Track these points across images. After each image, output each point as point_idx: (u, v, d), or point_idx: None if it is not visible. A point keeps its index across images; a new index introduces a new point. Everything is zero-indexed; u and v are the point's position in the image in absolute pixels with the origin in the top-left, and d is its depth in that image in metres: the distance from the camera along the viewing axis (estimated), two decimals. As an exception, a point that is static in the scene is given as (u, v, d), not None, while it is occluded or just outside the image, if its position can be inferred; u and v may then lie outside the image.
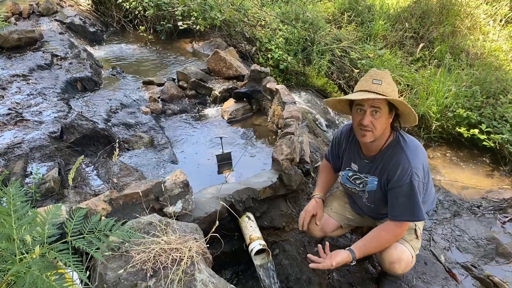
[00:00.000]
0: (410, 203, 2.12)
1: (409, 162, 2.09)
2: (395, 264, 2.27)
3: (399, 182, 2.12)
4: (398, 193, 2.14)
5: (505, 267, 3.02)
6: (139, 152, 3.59)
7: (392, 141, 2.19)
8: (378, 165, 2.23)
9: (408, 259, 2.28)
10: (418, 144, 2.23)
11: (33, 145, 3.10)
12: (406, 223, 2.20)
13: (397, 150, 2.15)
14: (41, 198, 2.56)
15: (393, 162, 2.14)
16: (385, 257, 2.28)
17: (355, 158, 2.37)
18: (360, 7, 7.90)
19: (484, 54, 6.87)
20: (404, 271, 2.34)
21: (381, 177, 2.23)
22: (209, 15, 6.39)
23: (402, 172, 2.10)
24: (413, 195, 2.10)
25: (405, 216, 2.15)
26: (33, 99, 3.86)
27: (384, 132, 2.15)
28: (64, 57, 4.95)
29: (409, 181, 2.09)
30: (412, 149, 2.15)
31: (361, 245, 2.19)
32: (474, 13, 7.73)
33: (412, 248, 2.33)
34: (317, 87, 6.13)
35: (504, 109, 4.92)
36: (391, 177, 2.15)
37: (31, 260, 1.33)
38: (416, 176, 2.09)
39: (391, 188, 2.18)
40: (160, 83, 4.82)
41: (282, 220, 2.96)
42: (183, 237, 1.94)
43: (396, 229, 2.20)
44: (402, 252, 2.27)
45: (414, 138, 2.27)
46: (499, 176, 4.44)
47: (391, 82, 2.06)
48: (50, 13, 6.42)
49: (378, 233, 2.23)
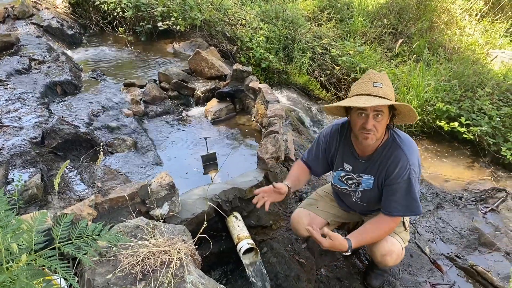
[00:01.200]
0: (408, 198, 2.13)
1: (407, 159, 2.11)
2: (386, 256, 2.30)
3: (397, 179, 2.13)
4: (395, 189, 2.15)
5: (488, 256, 3.09)
6: (123, 155, 3.55)
7: (388, 139, 2.19)
8: (375, 164, 2.23)
9: (398, 251, 2.32)
10: (411, 140, 2.24)
11: (14, 152, 3.04)
12: (399, 217, 2.23)
13: (394, 148, 2.16)
14: (25, 205, 2.52)
15: (391, 160, 2.15)
16: (377, 250, 2.31)
17: (349, 158, 2.35)
18: (339, 4, 7.98)
19: (461, 48, 7.02)
20: (395, 263, 2.37)
21: (379, 175, 2.23)
22: (189, 15, 6.35)
23: (401, 169, 2.11)
24: (411, 190, 2.12)
25: (400, 211, 2.17)
26: (12, 104, 3.79)
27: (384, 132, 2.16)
28: (42, 60, 4.86)
29: (407, 177, 2.10)
30: (408, 145, 2.16)
31: (357, 235, 2.19)
32: (450, 8, 7.88)
33: (402, 240, 2.37)
34: (299, 85, 6.17)
35: (482, 102, 5.04)
36: (390, 174, 2.15)
37: (18, 268, 1.31)
38: (414, 172, 2.11)
39: (388, 184, 2.18)
40: (141, 85, 4.77)
41: (269, 218, 2.98)
42: (171, 239, 1.93)
43: (391, 223, 2.22)
44: (393, 244, 2.30)
45: (406, 133, 2.29)
46: (479, 167, 4.54)
47: (389, 83, 2.05)
48: (26, 16, 6.29)
49: (374, 226, 2.24)
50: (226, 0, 7.23)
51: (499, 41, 7.56)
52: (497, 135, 4.67)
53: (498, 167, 4.52)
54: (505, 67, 6.29)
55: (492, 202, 3.74)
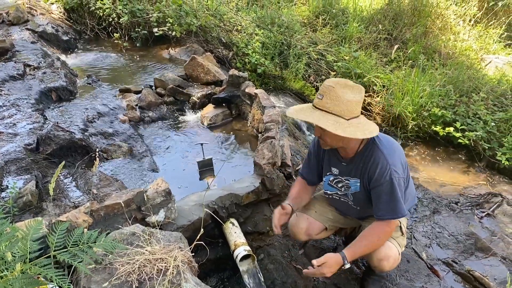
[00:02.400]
0: (392, 200, 2.13)
1: (387, 160, 2.11)
2: (383, 261, 2.29)
3: (379, 181, 2.14)
4: (380, 192, 2.16)
5: (484, 261, 3.09)
6: (119, 162, 3.53)
7: (368, 142, 2.20)
8: (357, 166, 2.25)
9: (395, 255, 2.32)
10: (393, 141, 2.26)
11: (8, 158, 3.01)
12: (393, 221, 2.21)
13: (373, 150, 2.16)
14: (19, 212, 2.49)
15: (371, 162, 2.16)
16: (374, 254, 2.30)
17: (335, 162, 2.37)
18: (334, 10, 8.00)
19: (456, 54, 7.06)
20: (391, 268, 2.36)
21: (362, 177, 2.25)
22: (184, 21, 6.35)
23: (381, 170, 2.12)
24: (394, 192, 2.12)
25: (389, 215, 2.17)
26: (6, 110, 3.76)
27: (349, 138, 2.11)
28: (37, 66, 4.84)
29: (389, 178, 2.10)
30: (388, 146, 2.17)
31: (351, 245, 2.19)
32: (445, 14, 7.92)
33: (399, 244, 2.36)
34: (295, 90, 6.18)
35: (477, 107, 5.06)
36: (372, 176, 2.17)
37: (12, 278, 1.29)
38: (395, 173, 2.11)
39: (372, 187, 2.20)
40: (137, 91, 4.76)
41: (266, 224, 2.96)
42: (168, 246, 1.92)
43: (385, 228, 2.21)
44: (390, 248, 2.30)
45: (389, 136, 2.30)
46: (474, 172, 4.56)
47: (335, 95, 1.98)
48: (21, 22, 6.26)
49: (367, 232, 2.24)
50: (221, 6, 7.24)
51: (493, 46, 7.62)
52: (492, 140, 4.69)
53: (494, 172, 4.54)
54: (499, 72, 6.34)
55: (488, 207, 3.75)
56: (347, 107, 2.01)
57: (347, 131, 1.97)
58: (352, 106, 2.02)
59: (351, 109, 2.02)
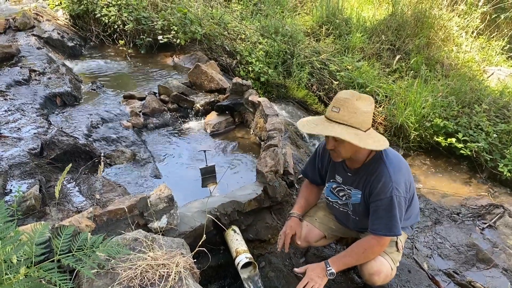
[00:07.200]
0: (388, 217, 2.13)
1: (391, 177, 2.11)
2: (374, 276, 2.29)
3: (379, 196, 2.14)
4: (378, 207, 2.16)
5: (486, 273, 3.09)
6: (122, 167, 3.55)
7: (375, 155, 2.20)
8: (361, 178, 2.25)
9: (387, 271, 2.31)
10: (401, 159, 2.25)
11: (12, 162, 3.03)
12: (385, 238, 2.20)
13: (379, 165, 2.16)
14: (23, 216, 2.51)
15: (375, 176, 2.16)
16: (365, 268, 2.30)
17: (339, 170, 2.38)
18: (338, 20, 8.05)
19: (458, 65, 7.09)
20: (383, 283, 2.36)
21: (364, 189, 2.25)
22: (189, 29, 6.41)
23: (383, 186, 2.12)
24: (391, 210, 2.11)
25: (382, 231, 2.17)
26: (11, 115, 3.79)
27: (360, 150, 2.12)
28: (42, 72, 4.87)
29: (389, 195, 2.10)
30: (395, 163, 2.16)
31: (338, 255, 2.23)
32: (447, 26, 7.97)
33: (392, 260, 2.35)
34: (298, 99, 6.21)
35: (479, 118, 5.08)
36: (373, 190, 2.17)
37: (16, 281, 1.30)
38: (397, 191, 2.11)
39: (372, 201, 2.20)
40: (141, 97, 4.79)
41: (268, 232, 2.97)
42: (170, 252, 1.93)
43: (374, 243, 2.21)
44: (382, 264, 2.29)
45: (397, 152, 2.30)
46: (476, 183, 4.56)
47: (353, 107, 1.98)
48: (27, 28, 6.31)
49: (357, 244, 2.25)
50: (226, 15, 7.30)
51: (495, 58, 7.65)
52: (494, 151, 4.70)
53: (495, 183, 4.54)
54: (501, 84, 6.36)
55: (489, 218, 3.75)
56: (364, 118, 2.02)
57: (368, 143, 1.99)
58: (368, 117, 2.05)
59: (367, 120, 2.04)
